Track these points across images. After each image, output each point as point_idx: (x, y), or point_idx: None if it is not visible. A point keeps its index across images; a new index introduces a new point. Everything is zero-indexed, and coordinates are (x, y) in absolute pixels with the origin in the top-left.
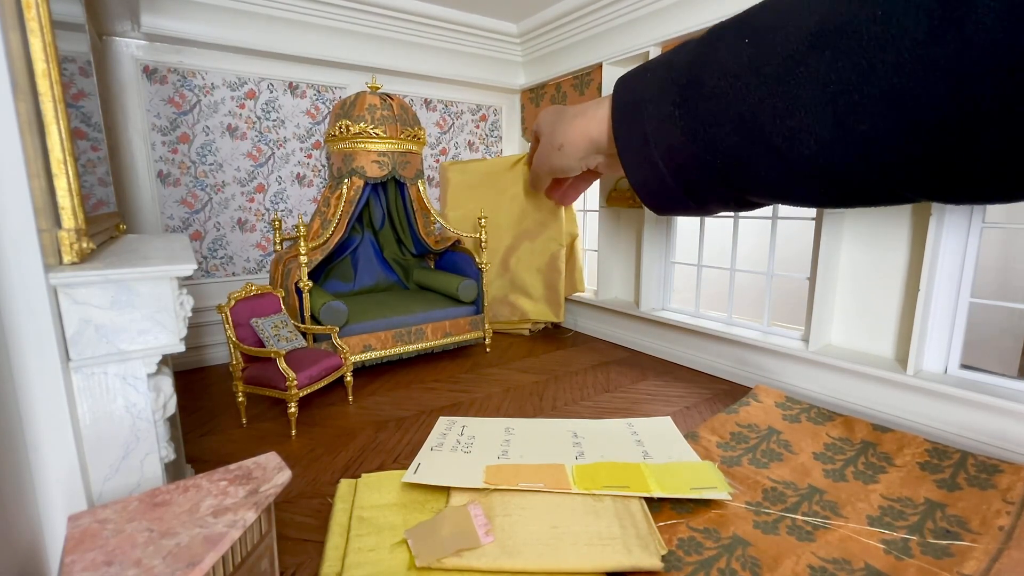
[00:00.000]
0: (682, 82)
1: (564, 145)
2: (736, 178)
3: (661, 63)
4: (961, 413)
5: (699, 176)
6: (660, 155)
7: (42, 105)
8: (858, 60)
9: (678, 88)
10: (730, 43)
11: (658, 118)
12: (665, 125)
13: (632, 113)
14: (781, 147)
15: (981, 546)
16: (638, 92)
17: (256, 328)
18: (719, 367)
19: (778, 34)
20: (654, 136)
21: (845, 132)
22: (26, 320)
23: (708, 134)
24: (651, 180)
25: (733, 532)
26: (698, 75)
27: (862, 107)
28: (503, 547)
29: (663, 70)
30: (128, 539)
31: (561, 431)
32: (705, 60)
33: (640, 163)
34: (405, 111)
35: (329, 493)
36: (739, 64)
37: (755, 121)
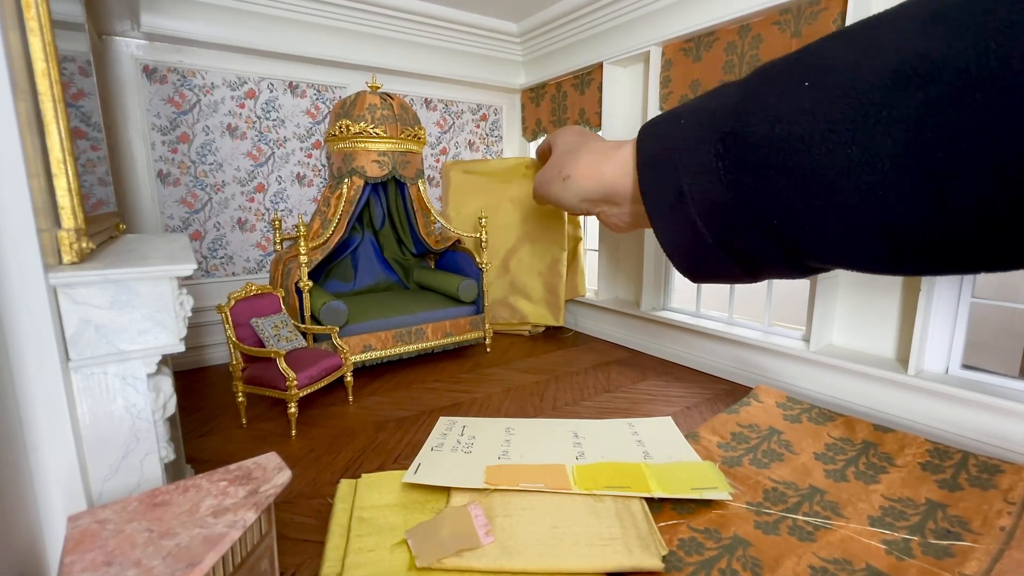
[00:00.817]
0: (726, 129)
1: (571, 178)
2: (795, 240)
3: (697, 108)
4: (962, 413)
5: (748, 237)
6: (699, 213)
7: (42, 105)
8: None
9: (720, 136)
10: (785, 85)
11: (697, 171)
12: (705, 179)
13: (663, 164)
14: (856, 206)
15: (982, 546)
16: (670, 140)
17: (256, 328)
18: (720, 367)
19: (849, 74)
20: (692, 191)
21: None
22: (26, 320)
23: (760, 189)
24: (688, 242)
25: (734, 532)
26: (746, 121)
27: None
28: (503, 547)
29: (701, 116)
30: (128, 539)
31: (562, 431)
32: (754, 105)
33: (674, 223)
34: (405, 111)
35: (329, 493)
36: (798, 109)
37: (821, 175)
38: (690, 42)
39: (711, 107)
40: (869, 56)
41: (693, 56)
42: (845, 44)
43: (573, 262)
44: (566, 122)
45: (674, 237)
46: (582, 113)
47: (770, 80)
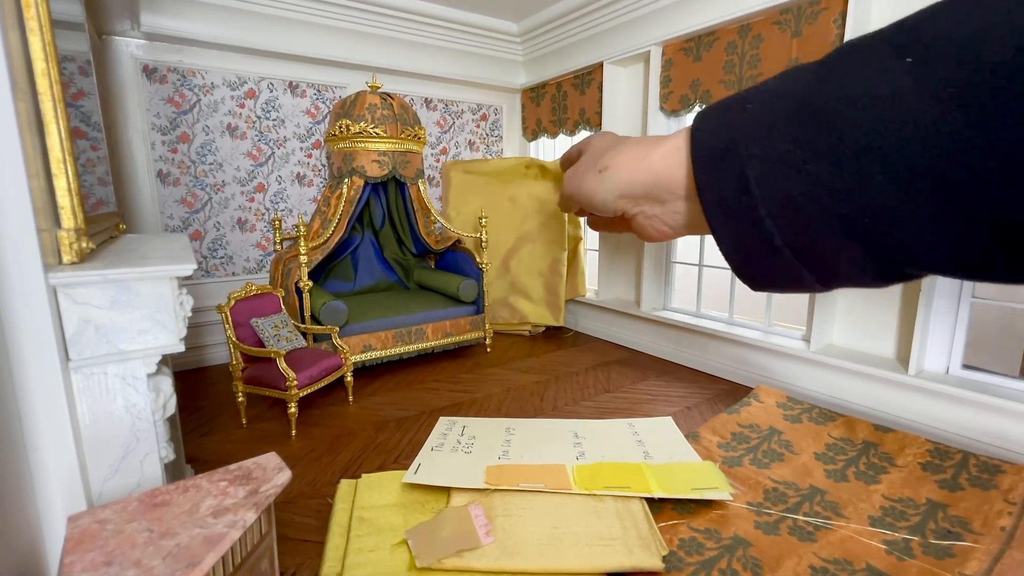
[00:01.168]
0: (803, 115)
1: (609, 169)
2: (891, 243)
3: (766, 91)
4: (963, 413)
5: (829, 239)
6: (768, 210)
7: (41, 104)
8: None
9: (798, 121)
10: (880, 63)
11: (768, 160)
12: (778, 169)
13: (725, 153)
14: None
15: (983, 547)
16: (734, 128)
17: (256, 328)
18: (720, 367)
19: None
20: (760, 184)
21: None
22: (26, 320)
23: (849, 181)
24: (753, 244)
25: (734, 532)
26: (830, 104)
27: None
28: (504, 548)
29: (772, 98)
30: (128, 539)
31: (562, 431)
32: (841, 86)
33: (737, 221)
34: (405, 110)
35: (329, 493)
36: (899, 88)
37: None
38: (690, 42)
39: (784, 89)
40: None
41: (693, 56)
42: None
43: (573, 262)
44: (566, 122)
45: (735, 238)
46: (582, 113)
47: (860, 56)
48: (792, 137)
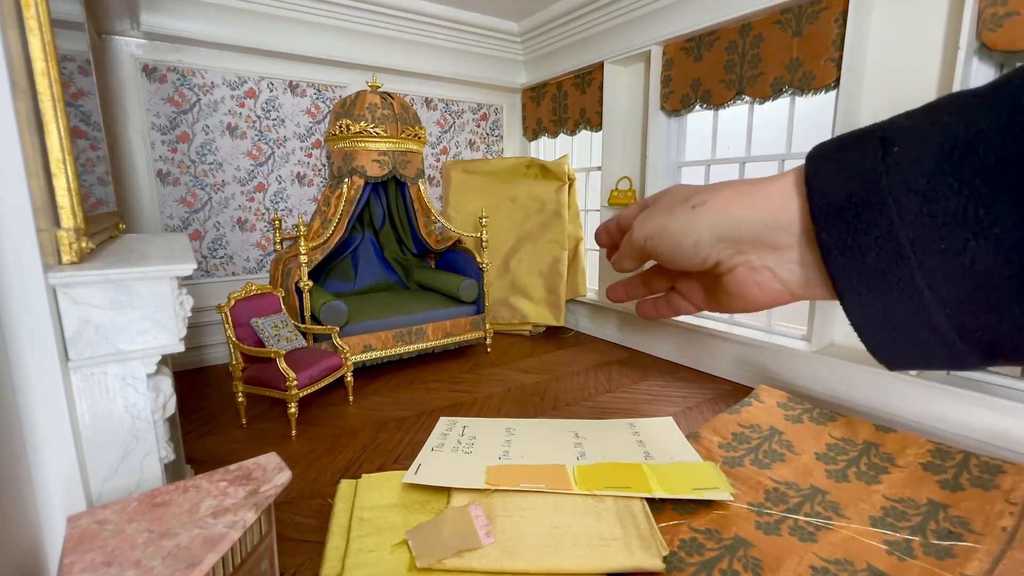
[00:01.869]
0: (990, 159)
1: (707, 204)
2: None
3: (916, 126)
4: (964, 413)
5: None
6: (936, 288)
7: (41, 104)
8: None
9: (981, 169)
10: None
11: (937, 223)
12: (954, 234)
13: (861, 207)
14: None
15: (984, 547)
16: (872, 179)
17: (256, 328)
18: (721, 367)
19: None
20: (924, 254)
21: None
22: (25, 320)
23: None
24: (900, 321)
25: (735, 533)
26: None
27: None
28: (504, 548)
29: (930, 137)
30: (127, 540)
31: (562, 431)
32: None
33: (879, 292)
34: (406, 110)
35: (329, 494)
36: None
37: None
38: (691, 41)
39: (944, 122)
40: None
41: (694, 55)
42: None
43: (574, 262)
44: (567, 122)
45: (877, 313)
46: (583, 113)
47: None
48: (969, 189)
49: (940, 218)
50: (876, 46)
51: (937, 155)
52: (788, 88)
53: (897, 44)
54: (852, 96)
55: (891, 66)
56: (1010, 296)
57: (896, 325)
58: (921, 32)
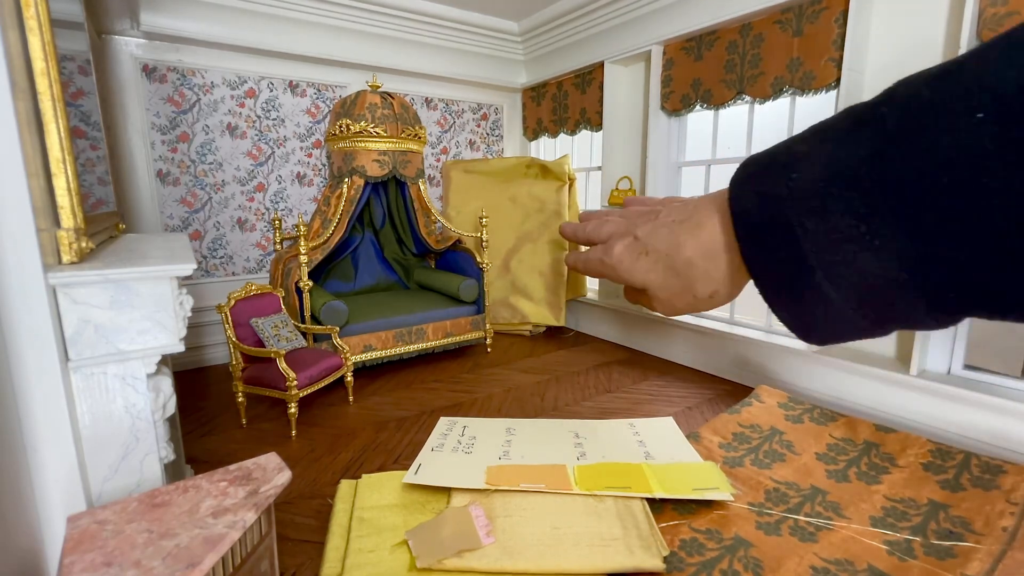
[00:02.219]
0: (865, 184)
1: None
2: (979, 302)
3: (810, 153)
4: (964, 413)
5: (907, 307)
6: (838, 289)
7: (41, 104)
8: None
9: (860, 193)
10: (951, 119)
11: (831, 239)
12: (845, 248)
13: (773, 234)
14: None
15: (984, 547)
16: (778, 202)
17: (256, 328)
18: (721, 367)
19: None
20: (824, 265)
21: None
22: (25, 320)
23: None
24: (821, 320)
25: (735, 533)
26: (898, 171)
27: None
28: (504, 548)
29: (820, 165)
30: (127, 540)
31: (562, 432)
32: (904, 150)
33: (796, 292)
34: (406, 110)
35: (329, 494)
36: (978, 149)
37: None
38: (691, 41)
39: (831, 155)
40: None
41: (694, 55)
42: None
43: None
44: (567, 121)
45: (803, 318)
46: (583, 112)
47: (927, 109)
48: (854, 210)
49: (834, 235)
50: (877, 46)
51: (826, 180)
52: (788, 88)
53: (898, 44)
54: (853, 96)
55: (892, 66)
56: (895, 296)
57: (814, 318)
58: (922, 32)
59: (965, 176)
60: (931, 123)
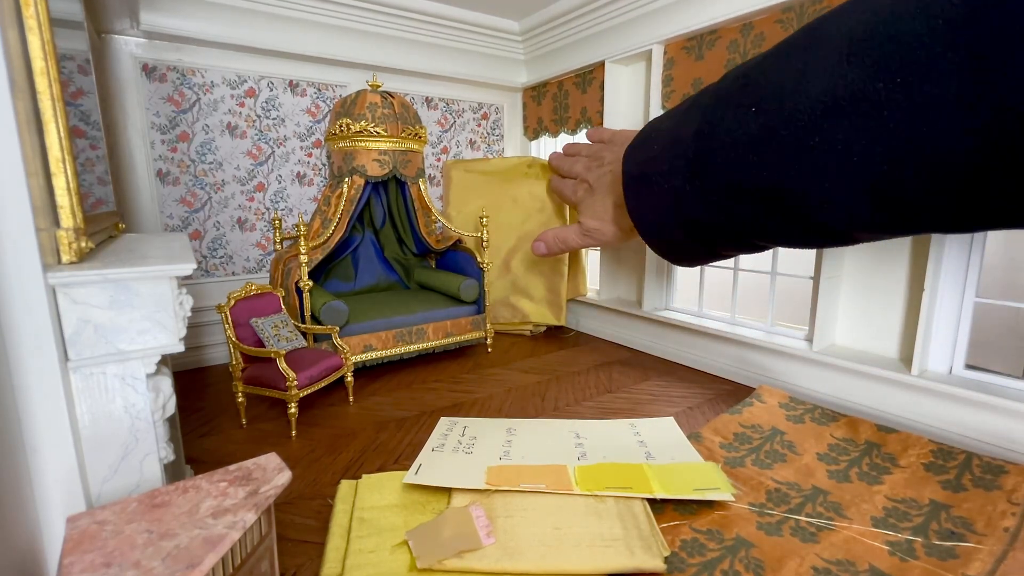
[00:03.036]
0: (690, 155)
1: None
2: (759, 239)
3: (665, 132)
4: (966, 414)
5: (720, 239)
6: (677, 225)
7: (40, 103)
8: (880, 129)
9: (686, 162)
10: (735, 112)
11: (669, 195)
12: (678, 200)
13: (642, 189)
14: (810, 215)
15: (986, 547)
16: (646, 166)
17: (256, 328)
18: (722, 367)
19: (787, 102)
20: (668, 210)
21: (880, 199)
22: (24, 320)
23: (727, 206)
24: (672, 247)
25: (736, 533)
26: (707, 148)
27: (891, 172)
28: (505, 548)
29: (668, 142)
30: (127, 540)
31: (563, 432)
32: (712, 131)
33: (658, 234)
34: (406, 109)
35: (329, 494)
36: (750, 135)
37: (777, 193)
38: (692, 40)
39: (678, 131)
40: (803, 85)
41: (695, 55)
42: (784, 67)
43: (575, 261)
44: (568, 121)
45: (663, 247)
46: (584, 112)
47: (724, 103)
48: (684, 175)
49: (673, 191)
50: None
51: (670, 149)
52: None
53: None
54: None
55: None
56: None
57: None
58: None
59: (741, 151)
60: (724, 108)
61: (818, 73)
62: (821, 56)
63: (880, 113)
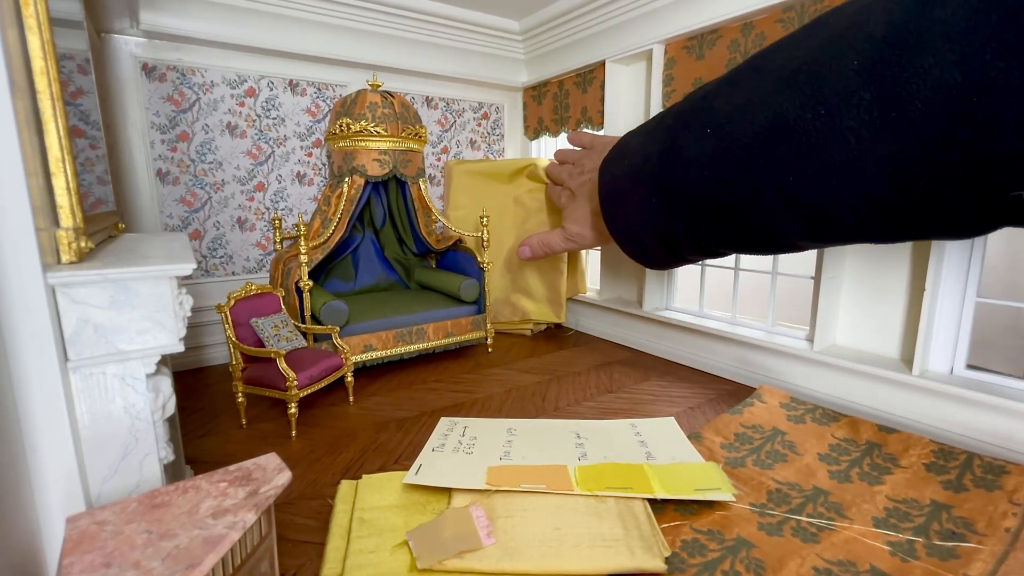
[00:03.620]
0: (656, 172)
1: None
2: (721, 247)
3: (636, 148)
4: (967, 414)
5: (687, 247)
6: (647, 234)
7: (40, 103)
8: (809, 153)
9: (652, 179)
10: (694, 134)
11: (639, 206)
12: (647, 211)
13: (616, 200)
14: (758, 227)
15: (987, 548)
16: (619, 181)
17: (256, 328)
18: (723, 367)
19: (737, 126)
20: (639, 219)
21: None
22: (24, 320)
23: (687, 218)
24: (643, 253)
25: (737, 534)
26: (669, 166)
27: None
28: (505, 549)
29: (638, 160)
30: (127, 541)
31: (564, 432)
32: (674, 151)
33: (631, 241)
34: (406, 109)
35: (330, 494)
36: (706, 155)
37: (732, 207)
38: (693, 40)
39: (646, 151)
40: (750, 114)
41: (696, 54)
42: (734, 95)
43: (574, 261)
44: (568, 121)
45: (634, 251)
46: (584, 112)
47: (685, 125)
48: (650, 189)
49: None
50: None
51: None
52: None
53: None
54: None
55: None
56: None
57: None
58: None
59: (699, 170)
60: (685, 130)
61: (762, 101)
62: (764, 87)
63: (808, 139)
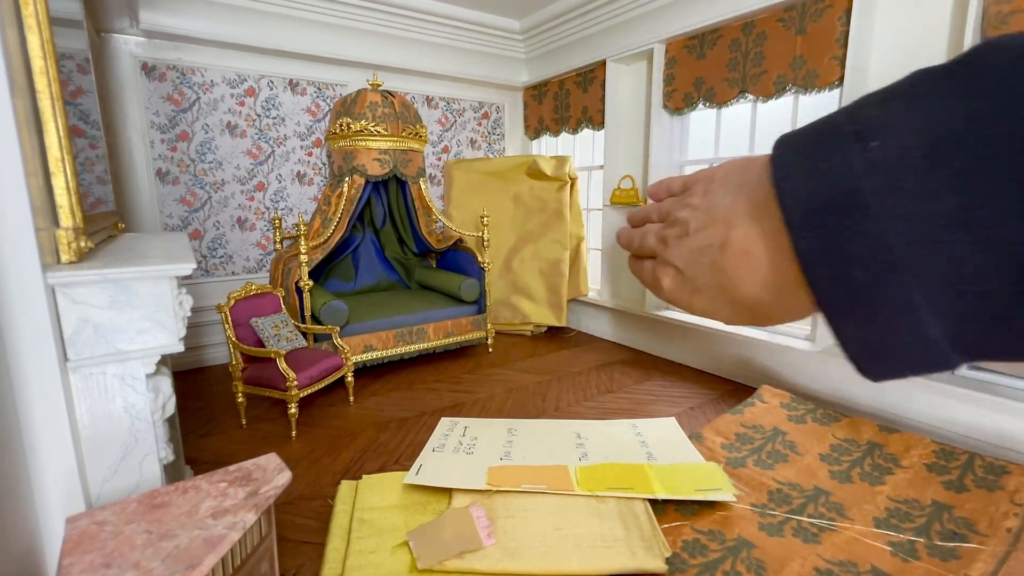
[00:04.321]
0: (980, 150)
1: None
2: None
3: (890, 119)
4: (968, 414)
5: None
6: (938, 304)
7: (40, 103)
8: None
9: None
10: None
11: (923, 220)
12: (945, 234)
13: (843, 218)
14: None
15: (988, 548)
16: (851, 179)
17: (256, 328)
18: (724, 367)
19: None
20: (918, 261)
21: None
22: (24, 320)
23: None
24: (899, 345)
25: (738, 534)
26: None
27: None
28: (505, 549)
29: (918, 128)
30: (127, 541)
31: (564, 432)
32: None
33: (876, 317)
34: (407, 109)
35: (330, 495)
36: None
37: None
38: (694, 39)
39: (925, 111)
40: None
41: (697, 54)
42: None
43: (576, 261)
44: (568, 120)
45: (872, 335)
46: (584, 111)
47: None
48: (963, 184)
49: (936, 220)
50: (880, 44)
51: (923, 149)
52: (791, 86)
53: (901, 42)
54: (856, 95)
55: (895, 64)
56: (1008, 305)
57: (890, 343)
58: (925, 30)
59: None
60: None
61: None
62: None
63: None
